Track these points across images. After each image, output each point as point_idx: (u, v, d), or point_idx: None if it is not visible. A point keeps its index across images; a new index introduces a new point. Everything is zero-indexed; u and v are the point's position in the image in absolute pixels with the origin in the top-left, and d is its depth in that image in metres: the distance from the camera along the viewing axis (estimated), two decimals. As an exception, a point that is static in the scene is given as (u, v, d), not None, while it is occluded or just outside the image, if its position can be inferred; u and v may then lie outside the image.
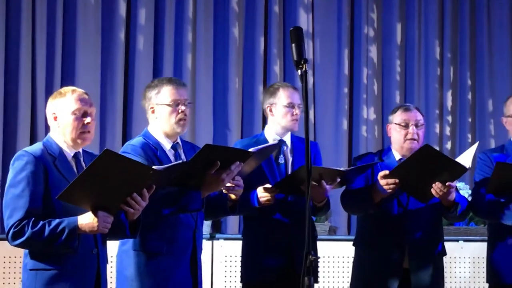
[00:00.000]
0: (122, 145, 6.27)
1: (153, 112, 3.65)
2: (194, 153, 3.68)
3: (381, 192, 3.86)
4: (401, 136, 4.03)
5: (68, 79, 6.36)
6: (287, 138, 4.10)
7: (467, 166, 3.76)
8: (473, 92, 7.71)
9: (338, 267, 6.15)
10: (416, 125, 4.04)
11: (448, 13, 7.65)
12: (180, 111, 3.61)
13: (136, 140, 3.63)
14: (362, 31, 7.43)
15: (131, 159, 3.16)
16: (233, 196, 3.68)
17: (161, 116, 3.62)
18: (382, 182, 3.83)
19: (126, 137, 6.63)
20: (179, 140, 3.72)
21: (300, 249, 3.83)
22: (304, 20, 7.22)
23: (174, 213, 3.48)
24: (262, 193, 3.85)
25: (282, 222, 3.97)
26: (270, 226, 3.99)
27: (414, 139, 4.02)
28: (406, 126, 4.03)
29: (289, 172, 4.02)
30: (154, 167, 3.14)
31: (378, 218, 4.03)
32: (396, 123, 4.06)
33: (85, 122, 3.23)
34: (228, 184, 3.57)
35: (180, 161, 3.50)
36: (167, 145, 3.65)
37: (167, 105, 3.60)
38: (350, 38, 7.45)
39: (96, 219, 3.05)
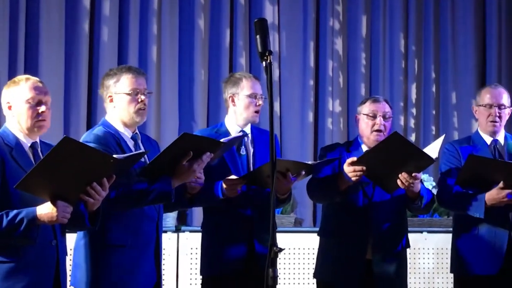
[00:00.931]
0: (87, 137, 6.24)
1: (111, 101, 3.60)
2: (150, 145, 3.66)
3: (347, 180, 3.87)
4: (368, 127, 4.05)
5: (31, 71, 6.26)
6: (247, 130, 4.08)
7: (434, 157, 3.78)
8: (437, 85, 7.78)
9: (304, 258, 6.17)
10: (384, 117, 4.07)
11: (413, 7, 7.71)
12: (139, 100, 3.56)
13: (98, 129, 3.58)
14: (327, 24, 7.45)
15: (91, 147, 3.12)
16: (194, 189, 3.65)
17: (119, 105, 3.57)
18: (349, 169, 3.83)
19: (90, 128, 6.56)
20: (137, 131, 3.68)
21: (261, 241, 3.85)
22: (270, 12, 7.21)
23: (145, 204, 3.45)
24: (228, 183, 3.83)
25: (243, 214, 3.96)
26: (231, 218, 3.96)
27: (380, 131, 4.04)
28: (374, 117, 4.05)
29: (251, 163, 4.01)
30: (114, 155, 3.09)
31: (343, 208, 4.04)
32: (364, 114, 4.08)
33: (40, 111, 3.18)
34: None
35: (141, 150, 3.46)
36: (127, 135, 3.61)
37: (126, 94, 3.55)
38: (316, 30, 7.46)
39: (55, 209, 3.01)
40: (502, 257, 3.96)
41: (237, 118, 4.04)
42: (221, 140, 3.54)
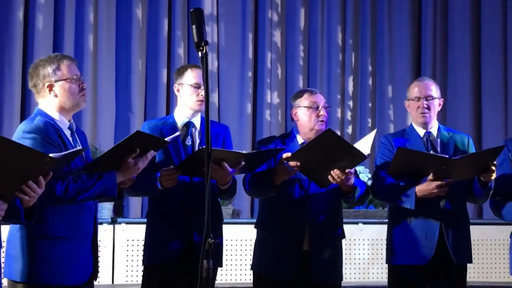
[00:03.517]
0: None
1: (50, 89, 3.52)
2: (84, 136, 3.62)
3: (282, 175, 3.89)
4: (312, 118, 4.07)
5: (-37, 59, 6.14)
6: (197, 120, 4.07)
7: (366, 154, 3.82)
8: (374, 78, 7.90)
9: (241, 250, 6.19)
10: (324, 107, 4.11)
11: (350, 0, 7.79)
12: (81, 85, 3.53)
13: (38, 119, 3.49)
14: (266, 16, 7.47)
15: (27, 146, 3.04)
16: (125, 184, 3.63)
17: (62, 92, 3.49)
18: (284, 164, 3.85)
19: (24, 118, 6.45)
20: (72, 120, 3.62)
21: (201, 232, 3.83)
22: (208, 3, 7.19)
23: (89, 199, 3.41)
24: (164, 174, 3.81)
25: (185, 205, 3.94)
26: (173, 208, 3.95)
27: (323, 121, 4.08)
28: (317, 108, 4.08)
29: (196, 154, 4.00)
30: (51, 154, 3.03)
31: (280, 200, 4.05)
32: (304, 106, 4.09)
33: None
34: None
35: (79, 147, 3.41)
36: (64, 125, 3.55)
37: (70, 79, 3.49)
38: (255, 22, 7.48)
39: None
40: (434, 247, 4.04)
41: (184, 109, 4.05)
42: (166, 139, 3.54)
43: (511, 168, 3.89)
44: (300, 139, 4.12)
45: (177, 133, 3.82)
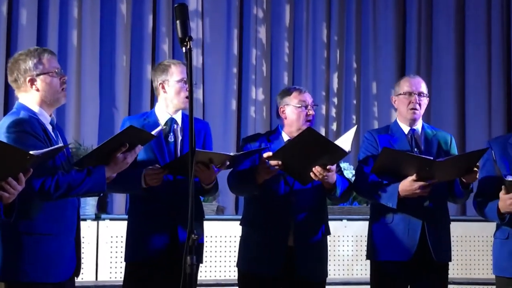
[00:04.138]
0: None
1: (32, 83, 3.48)
2: (62, 133, 3.61)
3: (263, 174, 3.89)
4: (301, 118, 4.08)
5: None
6: (178, 117, 4.06)
7: (347, 150, 3.83)
8: (358, 75, 7.91)
9: (226, 246, 6.19)
10: (312, 106, 4.13)
11: (335, -3, 7.82)
12: (63, 78, 3.50)
13: (22, 114, 3.46)
14: (251, 12, 7.47)
15: (6, 143, 3.02)
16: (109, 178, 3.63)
17: (44, 86, 3.46)
18: (266, 163, 3.86)
19: (7, 112, 6.41)
20: (53, 115, 3.60)
21: (185, 229, 3.82)
22: (193, -1, 7.18)
23: (79, 194, 3.40)
24: (149, 173, 3.80)
25: (168, 202, 3.94)
26: (156, 206, 3.94)
27: (310, 120, 4.10)
28: (306, 107, 4.09)
29: (178, 151, 3.99)
30: (31, 152, 3.01)
31: (265, 197, 4.05)
32: (294, 105, 4.09)
33: None
34: None
35: (61, 144, 3.40)
36: (46, 120, 3.53)
37: (52, 73, 3.46)
38: (240, 18, 7.47)
39: None
40: (416, 244, 4.05)
41: (167, 106, 4.02)
42: (152, 132, 3.55)
43: (494, 168, 3.90)
44: (285, 136, 4.13)
45: (160, 127, 3.82)
